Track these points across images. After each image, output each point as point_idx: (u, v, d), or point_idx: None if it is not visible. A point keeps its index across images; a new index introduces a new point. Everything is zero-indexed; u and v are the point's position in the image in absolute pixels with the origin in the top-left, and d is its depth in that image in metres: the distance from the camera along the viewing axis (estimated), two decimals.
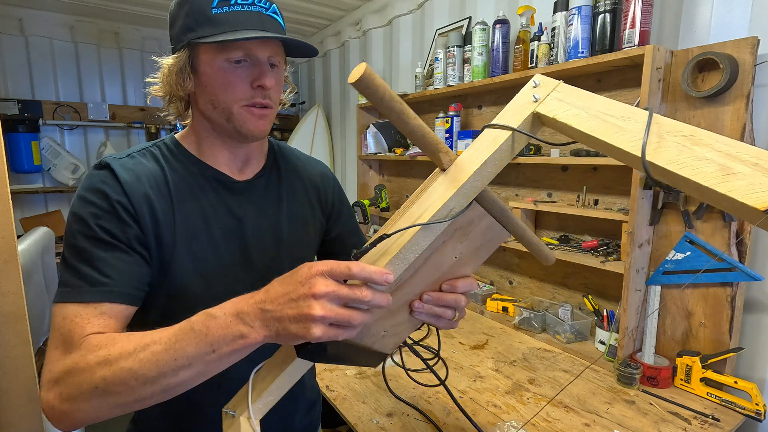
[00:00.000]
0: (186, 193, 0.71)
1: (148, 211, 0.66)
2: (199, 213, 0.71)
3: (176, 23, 0.68)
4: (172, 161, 0.72)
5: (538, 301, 1.76)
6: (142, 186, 0.67)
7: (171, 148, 0.74)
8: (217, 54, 0.65)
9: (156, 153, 0.73)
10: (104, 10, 2.91)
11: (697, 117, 1.22)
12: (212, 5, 0.63)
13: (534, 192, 1.79)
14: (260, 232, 0.77)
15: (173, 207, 0.69)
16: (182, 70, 0.67)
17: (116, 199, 0.64)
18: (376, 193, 2.62)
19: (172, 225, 0.68)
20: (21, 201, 3.05)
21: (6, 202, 1.23)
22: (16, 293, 1.27)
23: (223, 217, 0.73)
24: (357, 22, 2.90)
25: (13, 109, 2.88)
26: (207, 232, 0.72)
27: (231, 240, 0.74)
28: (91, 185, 0.65)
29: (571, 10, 1.40)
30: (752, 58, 1.11)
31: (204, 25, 0.63)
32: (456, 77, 1.91)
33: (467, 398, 1.21)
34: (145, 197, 0.67)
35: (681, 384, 1.25)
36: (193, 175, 0.73)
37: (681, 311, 1.30)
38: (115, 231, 0.63)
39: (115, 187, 0.65)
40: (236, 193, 0.75)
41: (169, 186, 0.70)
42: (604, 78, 1.49)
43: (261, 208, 0.78)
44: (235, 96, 0.67)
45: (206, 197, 0.73)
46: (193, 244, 0.70)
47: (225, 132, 0.72)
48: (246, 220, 0.75)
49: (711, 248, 1.21)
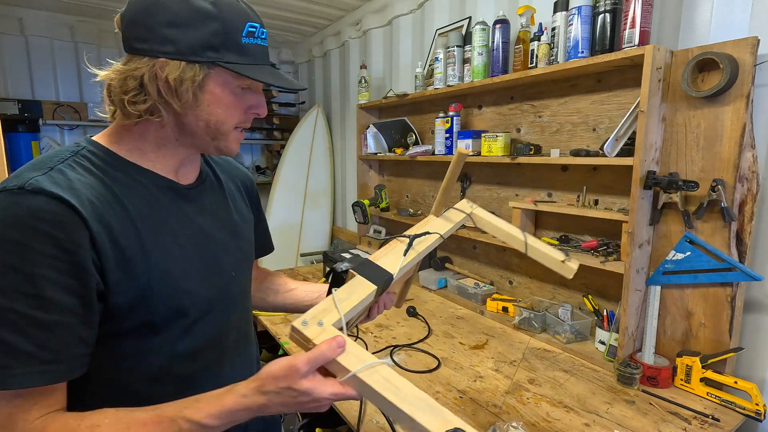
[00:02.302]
0: (144, 207, 0.64)
1: (110, 241, 0.57)
2: (164, 227, 0.66)
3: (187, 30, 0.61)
4: (110, 172, 0.63)
5: (538, 301, 1.76)
6: (97, 208, 0.57)
7: (100, 155, 0.64)
8: (234, 79, 0.66)
9: (85, 163, 0.62)
10: (104, 10, 2.91)
11: (697, 117, 1.22)
12: (243, 34, 0.64)
13: (534, 192, 1.79)
14: (221, 237, 0.76)
15: (136, 226, 0.62)
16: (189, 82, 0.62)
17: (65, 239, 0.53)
18: (376, 193, 2.62)
19: (141, 248, 0.61)
20: None
21: None
22: None
23: (187, 228, 0.70)
24: (357, 22, 2.90)
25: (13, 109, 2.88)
26: (178, 247, 0.67)
27: (201, 249, 0.71)
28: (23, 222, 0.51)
29: (571, 10, 1.40)
30: (752, 58, 1.11)
31: (231, 50, 0.63)
32: (456, 77, 1.91)
33: (467, 398, 1.21)
34: (103, 223, 0.57)
35: (681, 384, 1.25)
36: (144, 186, 0.66)
37: (681, 311, 1.30)
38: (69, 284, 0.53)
39: (60, 220, 0.53)
40: (189, 200, 0.73)
41: (122, 202, 0.61)
42: (604, 78, 1.49)
43: (214, 212, 0.77)
44: (233, 119, 0.68)
45: (165, 208, 0.67)
46: (169, 263, 0.65)
47: (195, 146, 0.70)
48: (206, 226, 0.74)
49: (711, 248, 1.21)
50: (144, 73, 0.61)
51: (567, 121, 1.63)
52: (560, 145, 1.65)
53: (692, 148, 1.24)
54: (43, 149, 2.99)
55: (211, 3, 0.61)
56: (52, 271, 0.52)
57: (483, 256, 2.07)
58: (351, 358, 0.58)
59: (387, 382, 0.58)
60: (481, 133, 1.84)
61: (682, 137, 1.26)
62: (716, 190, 1.18)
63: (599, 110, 1.52)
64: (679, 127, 1.26)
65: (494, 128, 1.94)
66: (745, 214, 1.17)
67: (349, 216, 3.18)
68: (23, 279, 0.51)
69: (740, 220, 1.18)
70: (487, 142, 1.77)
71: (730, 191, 1.17)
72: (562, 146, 1.64)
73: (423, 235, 0.84)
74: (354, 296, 0.66)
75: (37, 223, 0.52)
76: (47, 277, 0.52)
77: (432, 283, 2.14)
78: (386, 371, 0.59)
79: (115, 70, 0.63)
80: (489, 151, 1.76)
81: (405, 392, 0.57)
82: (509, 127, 1.86)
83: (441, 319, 1.79)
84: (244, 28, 0.64)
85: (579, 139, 1.59)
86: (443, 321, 1.77)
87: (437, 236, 0.86)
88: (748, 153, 1.16)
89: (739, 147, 1.15)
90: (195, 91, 0.63)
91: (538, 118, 1.73)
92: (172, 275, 0.65)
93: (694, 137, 1.24)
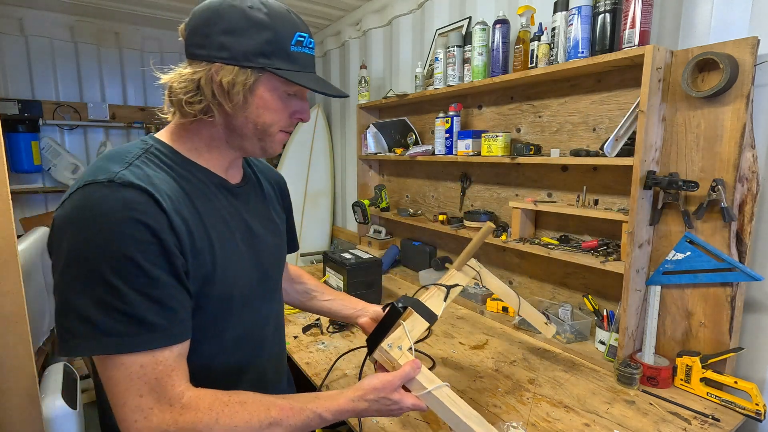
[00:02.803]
0: (205, 203, 0.71)
1: (185, 230, 0.65)
2: (221, 220, 0.73)
3: (241, 38, 0.66)
4: (176, 169, 0.70)
5: (538, 301, 1.76)
6: (173, 203, 0.64)
7: (166, 153, 0.71)
8: (281, 85, 0.71)
9: (155, 160, 0.69)
10: (104, 10, 2.91)
11: (697, 117, 1.22)
12: (292, 43, 0.69)
13: (534, 192, 1.79)
14: (263, 234, 0.83)
15: (202, 219, 0.69)
16: (241, 86, 0.67)
17: (156, 227, 0.60)
18: (376, 193, 2.62)
19: (207, 238, 0.69)
20: (21, 201, 3.05)
21: (6, 202, 1.23)
22: (16, 293, 1.27)
23: (239, 222, 0.77)
24: (357, 22, 2.90)
25: (13, 109, 2.89)
26: (232, 239, 0.74)
27: (248, 244, 0.78)
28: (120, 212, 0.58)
29: (571, 10, 1.40)
30: (752, 58, 1.11)
31: (281, 57, 0.69)
32: (456, 77, 1.91)
33: (467, 398, 1.21)
34: (179, 214, 0.64)
35: (681, 384, 1.25)
36: (203, 182, 0.73)
37: (681, 311, 1.30)
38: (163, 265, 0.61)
39: (149, 211, 0.60)
40: (238, 198, 0.79)
41: (190, 197, 0.69)
42: (604, 78, 1.49)
43: (257, 210, 0.84)
44: (279, 122, 0.74)
45: (221, 203, 0.75)
46: (226, 253, 0.72)
47: (243, 147, 0.76)
48: (252, 223, 0.81)
49: (711, 248, 1.21)
50: (201, 76, 0.67)
51: (567, 121, 1.63)
52: (560, 145, 1.65)
53: (692, 148, 1.24)
54: (43, 149, 2.99)
55: (265, 14, 0.67)
56: (149, 254, 0.59)
57: (483, 256, 2.07)
58: (424, 379, 0.79)
59: (451, 399, 0.79)
60: (481, 133, 1.85)
61: (682, 137, 1.26)
62: (716, 190, 1.18)
63: (599, 110, 1.52)
64: (679, 127, 1.26)
65: (494, 128, 1.94)
66: (745, 214, 1.17)
67: (349, 216, 3.18)
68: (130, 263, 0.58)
69: (740, 220, 1.18)
70: (487, 142, 1.77)
71: (730, 191, 1.17)
72: (562, 146, 1.64)
73: (455, 286, 1.16)
74: (416, 330, 0.91)
75: (133, 213, 0.58)
76: (148, 259, 0.59)
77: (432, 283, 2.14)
78: (449, 391, 0.80)
79: (177, 73, 0.69)
80: (489, 151, 1.76)
81: (464, 408, 0.79)
82: (509, 127, 1.86)
83: (441, 319, 1.79)
84: (293, 37, 0.69)
85: (579, 139, 1.59)
86: (443, 321, 1.77)
87: (462, 287, 1.18)
88: (748, 153, 1.16)
89: (739, 147, 1.15)
90: (245, 93, 0.68)
91: (538, 118, 1.73)
92: (228, 267, 0.72)
93: (694, 137, 1.24)
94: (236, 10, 0.66)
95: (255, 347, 0.82)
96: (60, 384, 1.76)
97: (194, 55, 0.68)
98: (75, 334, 0.57)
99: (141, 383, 0.58)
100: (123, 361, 0.58)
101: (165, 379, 0.60)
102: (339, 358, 1.41)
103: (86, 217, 0.58)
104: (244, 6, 0.67)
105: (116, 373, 0.58)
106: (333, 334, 1.64)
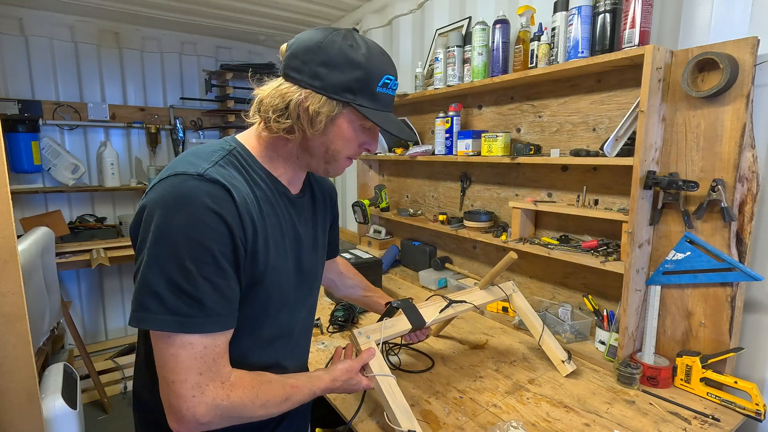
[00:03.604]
0: (269, 209, 0.78)
1: (251, 230, 0.71)
2: (278, 227, 0.80)
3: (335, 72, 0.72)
4: (251, 174, 0.77)
5: (538, 301, 1.76)
6: (246, 205, 0.71)
7: (245, 157, 0.78)
8: (359, 119, 0.78)
9: (235, 163, 0.76)
10: (104, 10, 2.91)
11: (697, 117, 1.22)
12: (379, 84, 0.75)
13: (534, 192, 1.79)
14: (308, 242, 0.90)
15: (264, 223, 0.75)
16: (325, 115, 0.73)
17: (231, 223, 0.67)
18: (376, 193, 2.62)
19: (265, 241, 0.75)
20: (21, 201, 3.05)
21: (6, 202, 1.23)
22: (16, 293, 1.27)
23: (290, 231, 0.84)
24: (357, 22, 2.90)
25: (13, 109, 2.88)
26: (283, 245, 0.81)
27: (295, 250, 0.85)
28: (205, 203, 0.65)
29: (571, 10, 1.40)
30: (752, 58, 1.11)
31: (366, 96, 0.75)
32: (456, 77, 1.91)
33: (467, 398, 1.21)
34: (249, 215, 0.71)
35: (681, 384, 1.25)
36: (271, 190, 0.80)
37: (681, 311, 1.30)
38: (230, 258, 0.68)
39: (228, 207, 0.67)
40: (295, 207, 0.86)
41: (258, 202, 0.75)
42: (603, 78, 1.49)
43: (307, 220, 0.91)
44: (348, 151, 0.81)
45: (281, 212, 0.81)
46: (277, 259, 0.79)
47: (309, 164, 0.83)
48: (302, 232, 0.87)
49: (711, 248, 1.21)
50: (292, 99, 0.73)
51: (567, 121, 1.63)
52: (560, 145, 1.65)
53: (692, 148, 1.24)
54: (43, 149, 2.99)
55: (363, 54, 0.73)
56: (222, 245, 0.67)
57: (483, 256, 2.07)
58: (376, 367, 1.01)
59: (390, 389, 1.01)
60: (481, 133, 1.85)
61: (682, 137, 1.26)
62: (716, 190, 1.18)
63: (599, 110, 1.52)
64: (679, 127, 1.26)
65: (494, 128, 1.94)
66: (745, 214, 1.17)
67: (349, 216, 3.18)
68: (206, 251, 0.65)
69: (740, 220, 1.18)
70: (487, 142, 1.77)
71: (730, 191, 1.17)
72: (562, 146, 1.64)
73: (461, 302, 1.26)
74: (394, 328, 1.11)
75: (215, 206, 0.66)
76: (220, 250, 0.66)
77: (432, 282, 2.14)
78: (392, 381, 1.02)
79: (271, 88, 0.75)
80: (489, 151, 1.76)
81: (397, 398, 1.00)
82: (509, 127, 1.86)
83: None
84: (381, 79, 0.75)
85: (579, 139, 1.59)
86: None
87: (472, 305, 1.29)
88: (748, 153, 1.16)
89: (739, 147, 1.15)
90: (327, 122, 0.75)
91: (538, 118, 1.73)
92: (276, 269, 0.78)
93: (694, 137, 1.24)
94: (337, 46, 0.72)
95: (285, 347, 0.89)
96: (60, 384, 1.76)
97: (289, 77, 0.74)
98: (145, 308, 0.64)
99: (202, 362, 0.66)
100: (191, 341, 0.65)
101: (219, 360, 0.69)
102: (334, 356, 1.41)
103: (177, 202, 0.65)
104: (345, 44, 0.72)
105: (182, 351, 0.65)
106: (333, 334, 1.64)
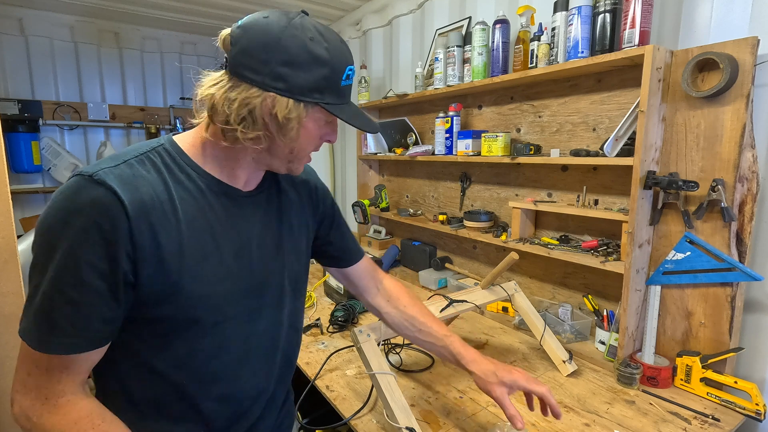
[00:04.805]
0: (194, 211, 0.68)
1: (150, 237, 0.62)
2: (208, 231, 0.69)
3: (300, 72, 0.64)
4: (175, 172, 0.68)
5: (538, 301, 1.76)
6: (144, 206, 0.62)
7: (173, 155, 0.69)
8: (324, 116, 0.71)
9: (156, 161, 0.67)
10: (104, 10, 2.91)
11: (697, 117, 1.22)
12: (342, 78, 0.69)
13: (534, 192, 1.79)
14: (264, 246, 0.78)
15: (180, 228, 0.65)
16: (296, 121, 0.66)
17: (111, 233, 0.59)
18: (376, 193, 2.62)
19: (179, 248, 0.65)
20: (21, 201, 3.05)
21: (6, 202, 1.23)
22: (16, 293, 1.27)
23: (232, 235, 0.73)
24: (357, 22, 2.90)
25: (13, 109, 2.89)
26: (217, 253, 0.70)
27: (240, 258, 0.74)
28: (80, 209, 0.58)
29: (571, 10, 1.40)
30: (752, 58, 1.11)
31: (332, 93, 0.68)
32: (456, 77, 1.91)
33: (467, 398, 1.21)
34: (147, 221, 0.62)
35: (681, 384, 1.25)
36: (200, 190, 0.69)
37: (681, 311, 1.30)
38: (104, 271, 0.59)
39: (110, 215, 0.59)
40: (242, 206, 0.75)
41: (174, 203, 0.65)
42: (604, 78, 1.49)
43: (264, 221, 0.79)
44: (312, 147, 0.74)
45: (214, 214, 0.71)
46: (204, 266, 0.68)
47: (270, 164, 0.75)
48: (252, 235, 0.76)
49: (711, 248, 1.21)
50: (255, 104, 0.64)
51: (567, 121, 1.63)
52: (560, 145, 1.65)
53: (692, 148, 1.24)
54: (43, 149, 2.99)
55: (325, 48, 0.65)
56: (93, 256, 0.59)
57: (483, 256, 2.07)
58: (376, 365, 1.05)
59: (389, 386, 1.03)
60: (481, 133, 1.85)
61: (682, 137, 1.26)
62: (716, 190, 1.18)
63: (599, 110, 1.52)
64: (679, 127, 1.26)
65: (494, 128, 1.94)
66: (745, 214, 1.17)
67: (349, 216, 3.18)
68: (72, 261, 0.58)
69: (740, 220, 1.18)
70: (487, 142, 1.77)
71: (730, 191, 1.17)
72: (562, 146, 1.64)
73: (462, 302, 1.30)
74: None
75: (93, 213, 0.58)
76: (88, 261, 0.58)
77: (432, 283, 2.14)
78: (392, 379, 1.04)
79: (220, 88, 0.65)
80: (489, 151, 1.76)
81: (396, 396, 1.02)
82: (509, 127, 1.86)
83: None
84: (344, 71, 0.69)
85: (579, 139, 1.59)
86: None
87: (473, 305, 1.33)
88: (748, 153, 1.16)
89: (739, 147, 1.15)
90: (298, 127, 0.68)
91: (538, 118, 1.73)
92: (203, 277, 0.68)
93: (694, 137, 1.24)
94: (298, 41, 0.63)
95: (236, 361, 0.75)
96: None
97: (245, 77, 0.64)
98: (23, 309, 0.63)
99: (34, 366, 0.62)
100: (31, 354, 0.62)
101: (55, 374, 0.62)
102: (333, 353, 1.44)
103: (57, 204, 0.60)
104: (305, 38, 0.64)
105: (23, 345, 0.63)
106: (333, 334, 1.64)
